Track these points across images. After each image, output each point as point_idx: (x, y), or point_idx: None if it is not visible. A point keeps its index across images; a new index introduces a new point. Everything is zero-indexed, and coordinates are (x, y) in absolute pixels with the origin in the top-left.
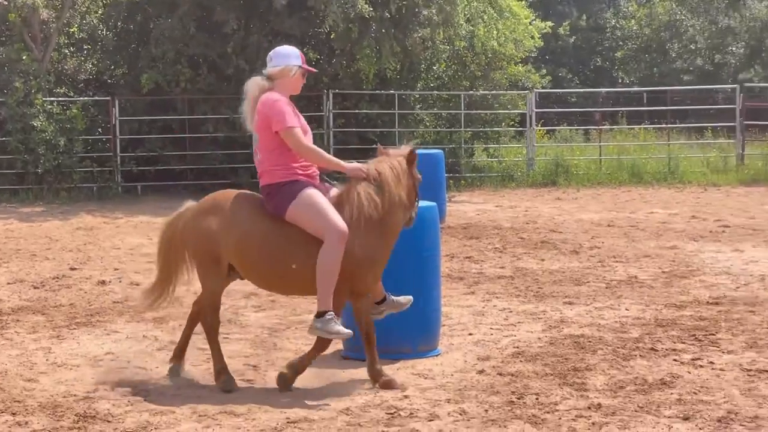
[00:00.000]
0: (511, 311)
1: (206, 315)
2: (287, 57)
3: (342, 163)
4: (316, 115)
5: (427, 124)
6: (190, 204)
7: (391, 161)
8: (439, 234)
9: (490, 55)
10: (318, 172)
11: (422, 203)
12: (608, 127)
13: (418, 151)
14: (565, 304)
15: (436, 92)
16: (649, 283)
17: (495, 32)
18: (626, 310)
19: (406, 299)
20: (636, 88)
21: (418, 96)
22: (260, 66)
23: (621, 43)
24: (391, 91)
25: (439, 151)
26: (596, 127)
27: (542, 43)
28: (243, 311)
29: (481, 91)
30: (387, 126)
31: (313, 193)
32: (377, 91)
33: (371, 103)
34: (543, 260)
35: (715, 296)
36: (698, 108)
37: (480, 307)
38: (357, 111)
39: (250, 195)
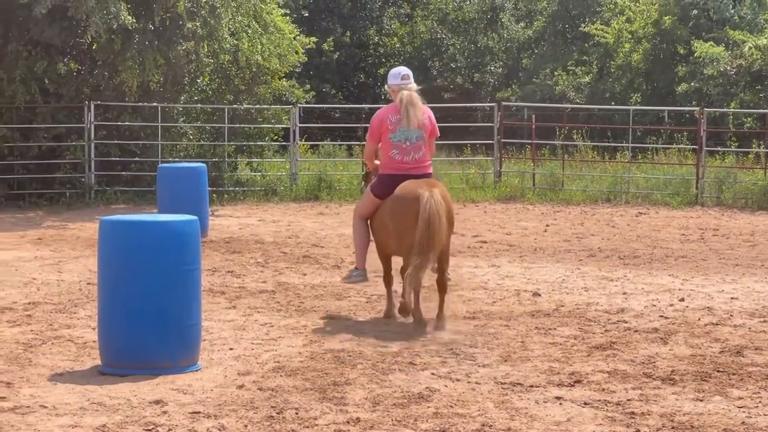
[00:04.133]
0: (272, 326)
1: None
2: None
3: None
4: (77, 127)
5: (191, 137)
6: (427, 185)
7: None
8: (200, 248)
9: (254, 69)
10: None
11: (183, 217)
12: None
13: (180, 165)
14: (325, 318)
15: (200, 105)
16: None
17: (259, 47)
18: (386, 324)
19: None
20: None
21: (181, 109)
22: (19, 75)
23: (384, 60)
24: (155, 104)
25: (202, 164)
26: (359, 143)
27: (306, 59)
28: None
29: (245, 105)
30: (150, 138)
31: None
32: (140, 104)
33: (134, 116)
34: (305, 275)
35: (472, 311)
36: (458, 125)
37: (241, 322)
38: (119, 123)
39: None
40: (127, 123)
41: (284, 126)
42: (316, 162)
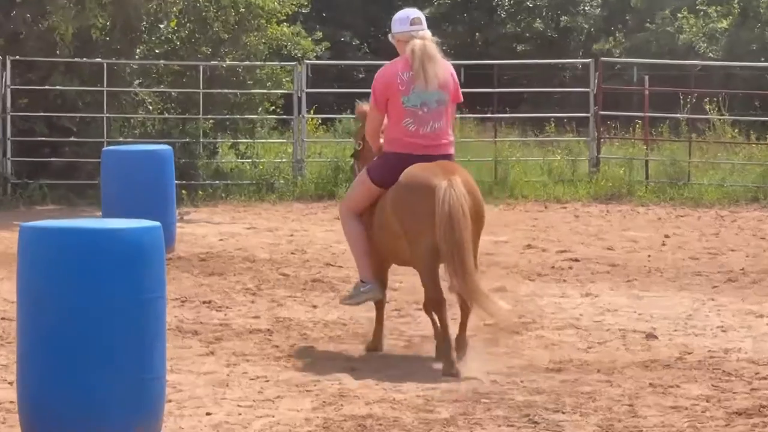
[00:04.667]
0: (267, 380)
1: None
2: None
3: None
4: None
5: (150, 107)
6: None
7: None
8: (164, 267)
9: (241, 10)
10: None
11: (140, 223)
12: None
13: (135, 148)
14: (346, 370)
15: (163, 62)
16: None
17: None
18: (433, 379)
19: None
20: (450, 61)
21: (136, 67)
22: None
23: None
24: (98, 60)
25: (167, 147)
26: None
27: None
28: None
29: (229, 62)
30: (92, 109)
31: None
32: (77, 59)
33: (68, 76)
34: (314, 307)
35: (558, 359)
36: (537, 91)
37: (223, 375)
38: (47, 87)
39: None
40: (58, 87)
41: (285, 92)
42: (332, 144)
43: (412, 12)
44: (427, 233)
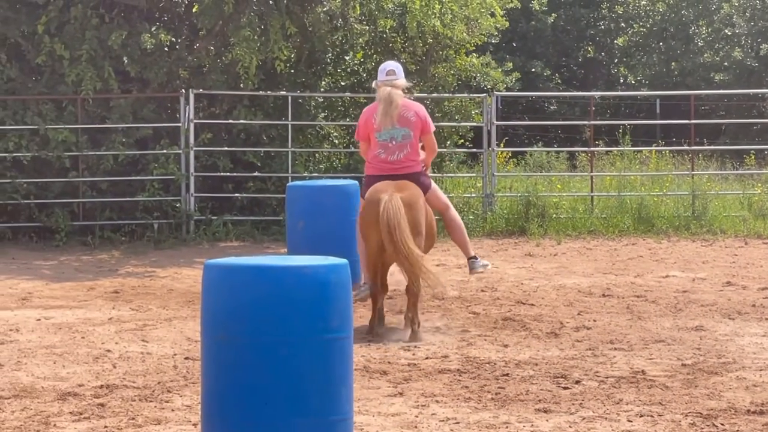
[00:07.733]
0: (458, 422)
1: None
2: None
3: None
4: (170, 127)
5: (336, 141)
6: (392, 188)
7: None
8: (351, 306)
9: (429, 41)
10: None
11: (326, 260)
12: (604, 149)
13: (321, 183)
14: (538, 411)
15: (348, 94)
16: (663, 382)
17: (437, 6)
18: (629, 421)
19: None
20: (645, 92)
21: (322, 100)
22: (87, 53)
23: (623, 24)
24: (283, 93)
25: (353, 182)
26: (586, 149)
27: (508, 24)
28: (56, 419)
29: (417, 94)
30: (276, 143)
31: None
32: (261, 92)
33: (252, 110)
34: (506, 346)
35: (760, 402)
36: (736, 122)
37: (412, 417)
38: (230, 121)
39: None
40: (241, 121)
41: (474, 124)
42: (523, 178)
43: (389, 65)
44: (374, 235)
